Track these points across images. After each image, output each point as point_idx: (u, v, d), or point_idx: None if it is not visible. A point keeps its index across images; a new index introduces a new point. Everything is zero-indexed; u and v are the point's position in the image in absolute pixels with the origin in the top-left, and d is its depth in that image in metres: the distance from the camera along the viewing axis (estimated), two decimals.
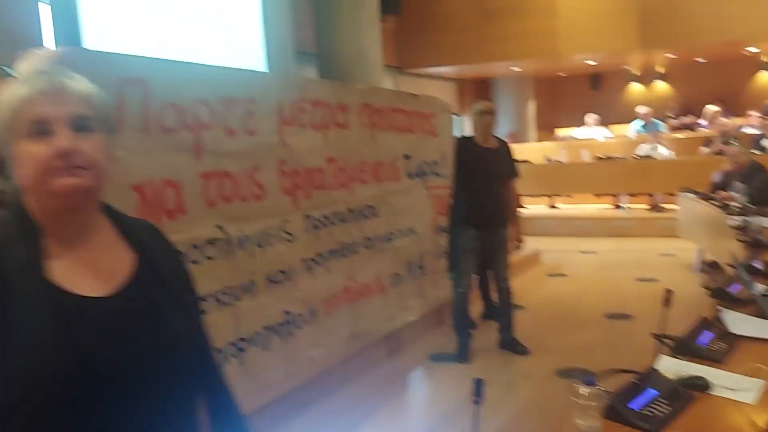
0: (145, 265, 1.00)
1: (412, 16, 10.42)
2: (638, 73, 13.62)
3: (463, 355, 4.18)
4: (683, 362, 1.93)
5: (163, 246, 1.09)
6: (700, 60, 12.28)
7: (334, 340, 3.17)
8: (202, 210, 2.37)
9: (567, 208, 10.13)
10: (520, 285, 6.27)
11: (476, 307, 5.14)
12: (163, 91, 2.20)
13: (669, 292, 1.80)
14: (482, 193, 4.03)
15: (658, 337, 2.04)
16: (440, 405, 3.66)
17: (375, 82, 6.57)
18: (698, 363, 1.93)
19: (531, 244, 7.63)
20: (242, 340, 2.55)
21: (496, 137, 4.23)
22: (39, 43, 3.86)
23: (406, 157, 3.78)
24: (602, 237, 8.70)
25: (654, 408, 1.61)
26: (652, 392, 1.67)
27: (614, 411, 1.55)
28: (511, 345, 4.32)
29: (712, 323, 2.19)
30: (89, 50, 2.07)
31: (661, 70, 13.34)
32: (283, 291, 2.78)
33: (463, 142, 4.15)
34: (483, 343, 4.59)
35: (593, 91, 13.93)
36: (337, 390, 3.67)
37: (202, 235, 2.36)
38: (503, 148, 4.22)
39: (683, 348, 2.01)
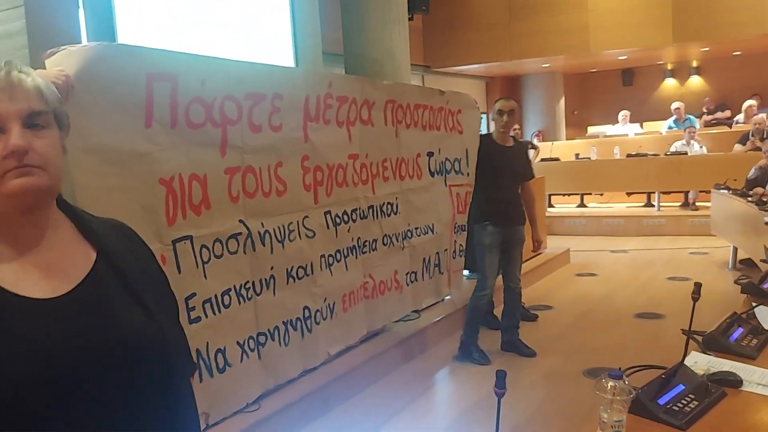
0: (103, 263, 0.96)
1: (440, 14, 10.34)
2: (671, 68, 13.34)
3: (481, 356, 4.15)
4: (713, 358, 1.89)
5: (129, 244, 1.05)
6: (736, 53, 11.97)
7: (351, 336, 3.18)
8: (226, 205, 2.39)
9: (597, 206, 9.98)
10: (549, 284, 6.23)
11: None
12: (190, 86, 2.21)
13: (698, 285, 1.76)
14: (500, 191, 4.05)
15: (688, 333, 2.00)
16: (464, 405, 3.64)
17: (402, 80, 6.56)
18: (729, 359, 1.88)
19: (560, 243, 7.57)
20: (261, 334, 2.56)
21: (515, 138, 4.26)
22: (78, 40, 3.93)
23: (430, 154, 3.75)
24: (633, 236, 8.55)
25: (682, 403, 1.58)
26: (680, 387, 1.64)
27: (641, 406, 1.52)
28: (516, 346, 4.27)
29: (744, 319, 2.13)
30: (118, 45, 2.10)
31: (695, 64, 13.05)
32: (303, 286, 2.79)
33: (483, 140, 4.17)
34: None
35: (625, 87, 13.70)
36: (362, 390, 3.68)
37: (226, 229, 2.39)
38: (521, 149, 4.27)
39: (713, 343, 1.97)
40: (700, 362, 1.84)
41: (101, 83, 1.89)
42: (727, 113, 11.59)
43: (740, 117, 10.82)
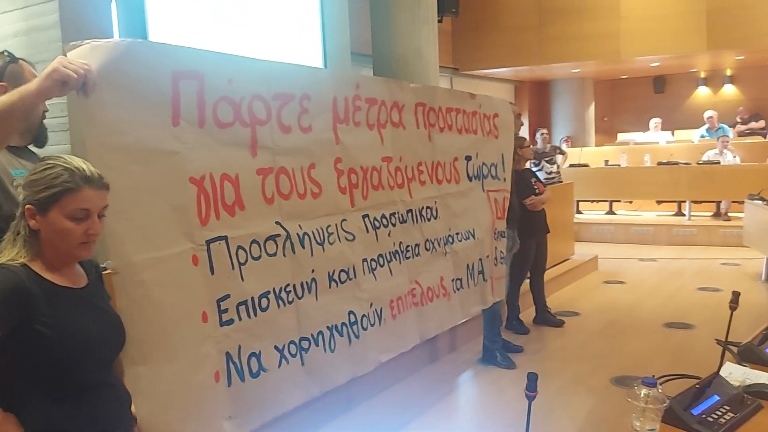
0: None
1: (469, 16, 10.28)
2: (704, 76, 13.10)
3: (505, 359, 4.11)
4: (749, 369, 1.84)
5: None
6: None
7: (404, 344, 3.08)
8: (261, 206, 2.33)
9: (626, 214, 9.83)
10: (576, 291, 6.15)
11: (530, 312, 5.07)
12: (216, 85, 2.17)
13: (736, 294, 1.72)
14: (511, 195, 4.13)
15: (723, 343, 1.95)
16: (488, 408, 3.61)
17: (430, 82, 6.54)
18: (765, 371, 1.83)
19: (588, 250, 7.47)
20: (304, 339, 2.49)
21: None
22: (110, 34, 3.96)
23: (467, 158, 3.69)
24: (663, 245, 8.41)
25: (717, 414, 1.55)
26: (715, 398, 1.60)
27: (674, 415, 1.49)
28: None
29: None
30: (144, 42, 2.07)
31: (729, 72, 12.80)
32: (346, 291, 2.71)
33: None
34: (536, 347, 4.51)
35: (656, 95, 13.49)
36: (386, 389, 3.67)
37: (262, 231, 2.34)
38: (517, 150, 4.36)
39: (749, 355, 1.92)
40: (735, 373, 1.80)
41: (126, 80, 1.86)
42: (762, 123, 11.35)
43: None
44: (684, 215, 9.03)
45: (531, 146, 4.85)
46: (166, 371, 1.94)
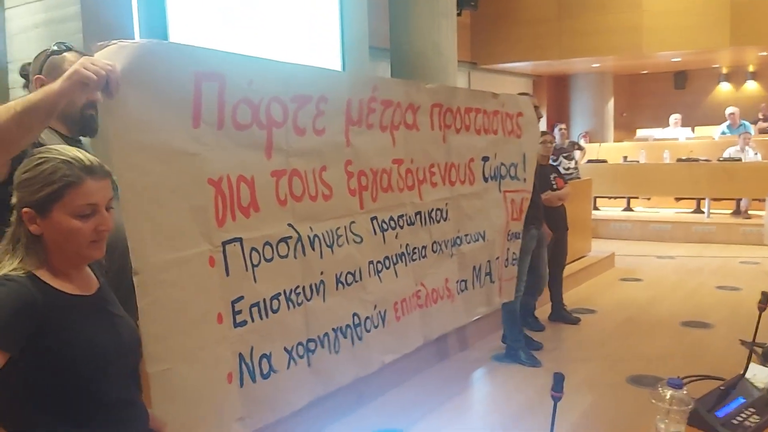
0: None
1: (488, 10, 10.19)
2: (727, 72, 12.90)
3: (529, 357, 4.09)
4: None
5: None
6: None
7: (407, 346, 3.10)
8: (275, 208, 2.35)
9: (644, 211, 9.73)
10: (592, 288, 6.11)
11: (546, 309, 5.04)
12: (237, 87, 2.18)
13: (766, 294, 1.68)
14: (535, 192, 4.12)
15: (749, 344, 1.92)
16: (502, 405, 3.60)
17: (448, 76, 6.50)
18: None
19: (605, 246, 7.41)
20: (310, 340, 2.52)
21: None
22: (131, 35, 3.98)
23: (485, 159, 3.66)
24: (681, 242, 8.31)
25: (742, 417, 1.53)
26: (740, 400, 1.58)
27: (698, 417, 1.47)
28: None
29: None
30: (168, 43, 2.08)
31: (752, 69, 12.59)
32: (352, 293, 2.73)
33: None
34: (551, 345, 4.49)
35: (677, 90, 13.31)
36: (397, 386, 3.67)
37: (276, 232, 2.35)
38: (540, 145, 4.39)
39: None
40: (759, 375, 1.77)
41: (150, 80, 1.88)
42: None
43: None
44: (703, 212, 8.91)
45: (549, 142, 4.76)
46: (185, 371, 1.96)
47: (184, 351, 1.97)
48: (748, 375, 1.73)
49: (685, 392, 1.38)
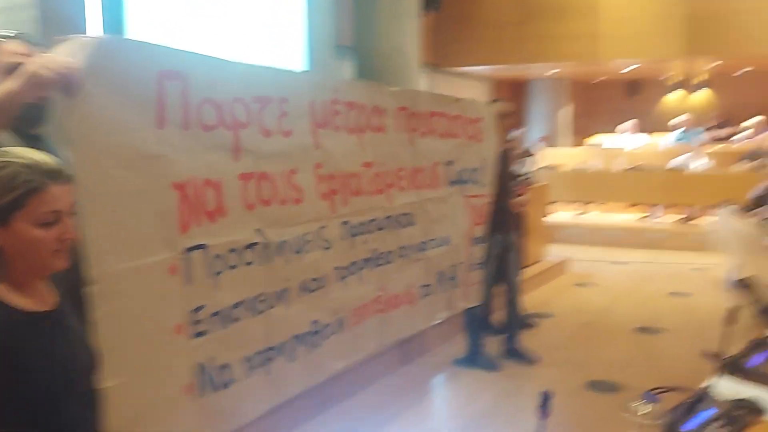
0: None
1: (451, 13, 10.23)
2: (679, 81, 13.30)
3: (488, 362, 4.11)
4: (735, 383, 1.84)
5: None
6: (747, 69, 11.92)
7: (360, 352, 3.08)
8: (242, 212, 2.29)
9: (597, 216, 9.94)
10: (548, 293, 6.18)
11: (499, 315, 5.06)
12: (201, 87, 2.12)
13: (734, 309, 1.71)
14: (501, 197, 4.12)
15: (710, 356, 1.94)
16: (463, 410, 3.60)
17: (411, 78, 6.49)
18: (752, 384, 1.83)
19: (559, 251, 7.52)
20: (270, 349, 2.47)
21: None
22: (83, 29, 3.86)
23: (449, 163, 3.66)
24: (634, 248, 8.51)
25: (709, 430, 1.53)
26: (706, 413, 1.59)
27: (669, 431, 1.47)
28: (517, 354, 4.29)
29: (765, 343, 2.08)
30: (129, 40, 2.00)
31: (704, 78, 13.01)
32: (315, 300, 2.69)
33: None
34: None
35: (630, 98, 13.66)
36: (360, 391, 3.63)
37: (242, 238, 2.29)
38: (506, 153, 4.32)
39: (735, 368, 1.91)
40: (721, 387, 1.79)
41: (112, 79, 1.80)
42: (733, 129, 11.55)
43: (745, 134, 10.80)
44: (655, 219, 9.17)
45: (515, 147, 4.81)
46: (139, 385, 1.89)
47: (140, 364, 1.89)
48: (712, 386, 1.75)
49: (658, 407, 1.38)
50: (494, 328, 4.84)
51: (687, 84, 13.26)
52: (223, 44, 4.82)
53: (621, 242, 8.67)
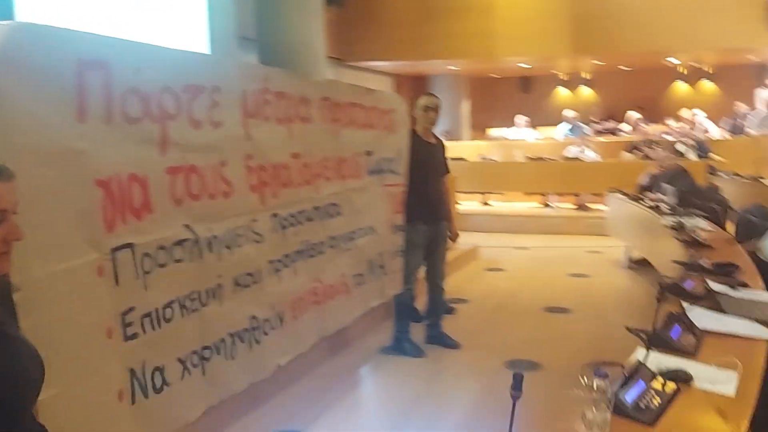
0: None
1: (354, 8, 10.31)
2: (566, 78, 14.12)
3: (414, 348, 4.18)
4: (659, 355, 1.98)
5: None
6: (624, 68, 12.88)
7: (302, 345, 3.04)
8: (170, 208, 2.19)
9: (499, 205, 10.38)
10: (462, 279, 6.38)
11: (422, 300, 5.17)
12: (125, 76, 2.00)
13: (663, 288, 1.84)
14: (428, 187, 4.17)
15: (634, 331, 2.09)
16: (393, 397, 3.64)
17: (318, 72, 6.42)
18: (674, 356, 1.99)
19: (468, 239, 7.76)
20: (206, 348, 2.38)
21: (434, 134, 4.37)
22: None
23: (368, 153, 3.71)
24: (534, 234, 8.95)
25: (646, 400, 1.65)
26: (642, 385, 1.70)
27: (616, 404, 1.56)
28: (440, 339, 4.38)
29: (679, 317, 2.26)
30: (44, 26, 1.84)
31: (587, 76, 13.89)
32: (250, 295, 2.62)
33: (411, 137, 4.21)
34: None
35: (523, 94, 14.34)
36: (294, 383, 3.58)
37: (170, 235, 2.18)
38: (440, 145, 4.40)
39: (658, 341, 2.07)
40: (649, 359, 1.93)
41: (27, 70, 1.66)
42: (614, 123, 12.45)
43: (624, 126, 11.69)
44: (550, 206, 9.71)
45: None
46: (71, 394, 1.77)
47: (72, 373, 1.77)
48: (642, 360, 1.88)
49: (609, 381, 1.46)
50: (419, 315, 4.95)
51: (572, 82, 14.10)
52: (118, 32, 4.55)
53: (522, 229, 9.10)
